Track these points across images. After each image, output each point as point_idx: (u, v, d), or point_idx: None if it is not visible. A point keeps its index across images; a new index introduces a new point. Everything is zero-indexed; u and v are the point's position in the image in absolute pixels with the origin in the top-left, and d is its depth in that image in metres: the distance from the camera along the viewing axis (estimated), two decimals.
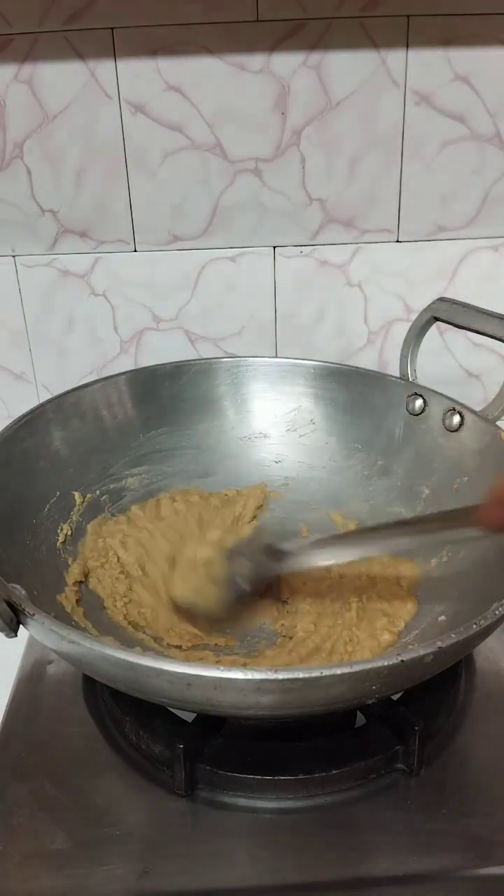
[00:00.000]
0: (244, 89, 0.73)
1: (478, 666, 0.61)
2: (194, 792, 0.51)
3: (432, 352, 0.82)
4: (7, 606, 0.45)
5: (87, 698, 0.58)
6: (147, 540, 0.66)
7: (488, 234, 0.80)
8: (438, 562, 0.63)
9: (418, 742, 0.51)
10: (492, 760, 0.53)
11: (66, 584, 0.61)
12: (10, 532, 0.58)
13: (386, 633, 0.58)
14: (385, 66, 0.73)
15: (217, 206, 0.78)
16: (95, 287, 0.82)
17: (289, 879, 0.46)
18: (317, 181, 0.77)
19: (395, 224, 0.79)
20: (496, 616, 0.45)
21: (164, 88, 0.73)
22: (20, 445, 0.62)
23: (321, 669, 0.40)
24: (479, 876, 0.46)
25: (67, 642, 0.43)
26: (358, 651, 0.57)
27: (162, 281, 0.81)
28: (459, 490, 0.64)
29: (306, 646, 0.58)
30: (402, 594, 0.62)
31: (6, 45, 0.71)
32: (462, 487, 0.64)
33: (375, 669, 0.41)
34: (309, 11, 0.70)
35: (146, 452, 0.72)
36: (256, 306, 0.83)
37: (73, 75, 0.72)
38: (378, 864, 0.46)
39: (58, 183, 0.77)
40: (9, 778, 0.52)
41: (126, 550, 0.65)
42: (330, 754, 0.51)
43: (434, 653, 0.42)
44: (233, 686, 0.40)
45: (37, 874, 0.46)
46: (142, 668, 0.41)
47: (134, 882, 0.46)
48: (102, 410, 0.70)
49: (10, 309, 0.82)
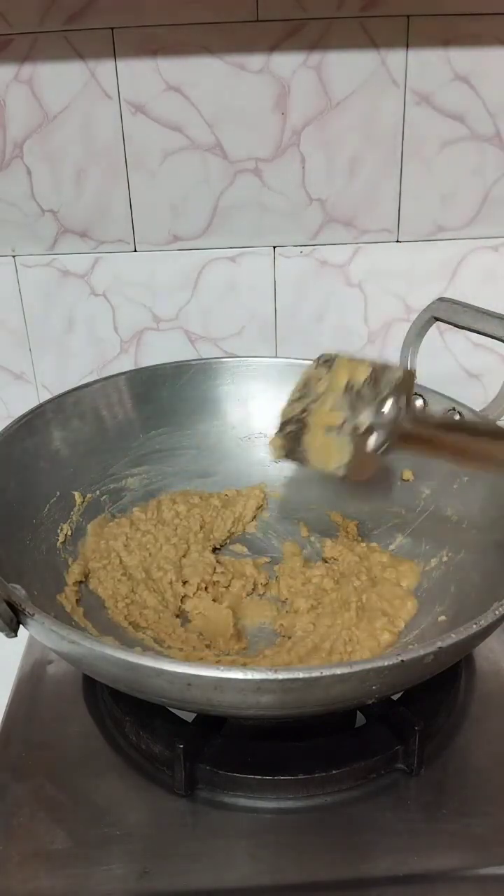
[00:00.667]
0: (244, 89, 0.73)
1: (478, 666, 0.61)
2: (194, 792, 0.51)
3: (432, 352, 0.82)
4: (7, 606, 0.45)
5: (87, 698, 0.58)
6: (151, 543, 0.66)
7: (488, 234, 0.80)
8: (438, 562, 0.63)
9: (418, 742, 0.51)
10: (492, 760, 0.53)
11: (66, 584, 0.61)
12: (10, 532, 0.58)
13: (386, 633, 0.58)
14: (385, 66, 0.73)
15: (217, 206, 0.78)
16: (95, 287, 0.82)
17: (289, 879, 0.46)
18: (317, 181, 0.77)
19: (395, 224, 0.79)
20: (496, 616, 0.45)
21: (164, 88, 0.73)
22: (20, 445, 0.63)
23: (321, 669, 0.40)
24: (479, 876, 0.46)
25: (68, 642, 0.43)
26: (357, 651, 0.57)
27: (162, 281, 0.81)
28: (459, 490, 0.64)
29: (305, 645, 0.58)
30: (402, 594, 0.62)
31: (6, 45, 0.71)
32: (462, 487, 0.64)
33: (375, 669, 0.41)
34: (309, 11, 0.70)
35: (146, 452, 0.72)
36: (256, 306, 0.83)
37: (73, 75, 0.72)
38: (378, 864, 0.46)
39: (58, 183, 0.77)
40: (9, 778, 0.52)
41: (129, 553, 0.65)
42: (330, 754, 0.51)
43: (434, 653, 0.42)
44: (233, 686, 0.40)
45: (37, 874, 0.46)
46: (142, 668, 0.41)
47: (134, 882, 0.46)
48: (102, 410, 0.70)
49: (10, 309, 0.82)
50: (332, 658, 0.56)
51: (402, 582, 0.63)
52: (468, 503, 0.63)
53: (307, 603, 0.62)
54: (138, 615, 0.61)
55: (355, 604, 0.61)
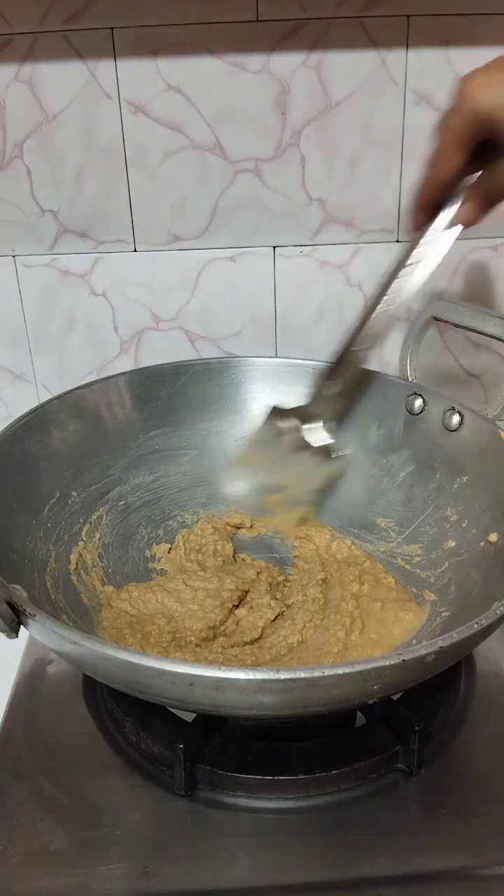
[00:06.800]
0: (244, 89, 0.73)
1: (478, 666, 0.61)
2: (194, 792, 0.51)
3: (432, 352, 0.82)
4: (8, 607, 0.45)
5: (87, 698, 0.58)
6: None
7: (488, 234, 0.80)
8: (439, 562, 0.63)
9: (418, 742, 0.51)
10: (492, 760, 0.53)
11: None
12: (10, 533, 0.58)
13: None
14: (385, 66, 0.73)
15: (217, 206, 0.78)
16: (95, 287, 0.81)
17: (289, 879, 0.46)
18: (317, 181, 0.77)
19: (395, 224, 0.79)
20: (496, 616, 0.45)
21: (164, 88, 0.73)
22: (20, 445, 0.62)
23: (323, 669, 0.40)
24: (479, 876, 0.47)
25: (69, 643, 0.43)
26: (358, 651, 0.57)
27: (162, 281, 0.81)
28: (459, 490, 0.64)
29: (307, 646, 0.58)
30: (403, 595, 0.62)
31: (6, 45, 0.71)
32: (462, 487, 0.64)
33: (377, 669, 0.41)
34: (309, 11, 0.70)
35: (146, 453, 0.72)
36: (256, 306, 0.83)
37: (73, 75, 0.72)
38: (378, 864, 0.46)
39: (58, 183, 0.77)
40: (9, 778, 0.52)
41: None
42: (330, 754, 0.51)
43: (435, 652, 0.42)
44: (234, 686, 0.40)
45: (37, 874, 0.46)
46: (143, 669, 0.41)
47: (134, 882, 0.46)
48: (102, 410, 0.70)
49: (10, 309, 0.82)
50: (334, 658, 0.56)
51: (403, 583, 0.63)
52: (468, 503, 0.63)
53: (308, 603, 0.62)
54: None
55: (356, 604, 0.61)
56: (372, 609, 0.60)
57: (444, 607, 0.59)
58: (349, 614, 0.59)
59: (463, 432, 0.65)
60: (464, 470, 0.64)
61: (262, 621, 0.60)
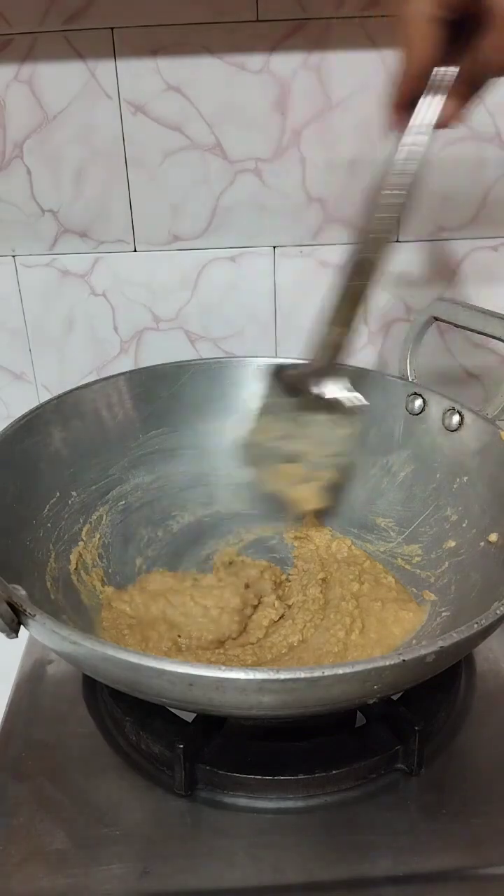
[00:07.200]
0: (244, 89, 0.73)
1: (478, 666, 0.61)
2: (194, 792, 0.51)
3: (432, 352, 0.82)
4: (8, 607, 0.45)
5: (87, 698, 0.58)
6: None
7: (488, 234, 0.80)
8: (439, 562, 0.63)
9: (418, 742, 0.51)
10: (492, 760, 0.53)
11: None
12: (10, 533, 0.58)
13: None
14: (385, 66, 0.73)
15: (217, 206, 0.78)
16: (95, 287, 0.81)
17: (289, 879, 0.46)
18: (317, 181, 0.77)
19: (395, 224, 0.79)
20: (496, 616, 0.45)
21: (164, 88, 0.73)
22: (20, 445, 0.62)
23: (323, 669, 0.40)
24: (479, 876, 0.46)
25: (69, 643, 0.43)
26: (358, 651, 0.57)
27: (162, 281, 0.81)
28: (459, 489, 0.64)
29: (307, 645, 0.58)
30: (403, 595, 0.62)
31: (6, 45, 0.71)
32: (462, 487, 0.64)
33: (377, 669, 0.41)
34: (309, 11, 0.70)
35: (146, 452, 0.72)
36: (256, 306, 0.83)
37: (73, 75, 0.72)
38: (378, 864, 0.46)
39: (58, 183, 0.77)
40: (9, 778, 0.52)
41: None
42: (330, 754, 0.51)
43: (436, 652, 0.42)
44: (234, 686, 0.40)
45: (37, 874, 0.46)
46: (143, 669, 0.41)
47: (134, 882, 0.46)
48: (102, 410, 0.70)
49: (10, 309, 0.82)
50: (334, 658, 0.56)
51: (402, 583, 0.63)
52: (468, 503, 0.63)
53: (308, 603, 0.62)
54: None
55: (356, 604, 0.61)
56: (372, 609, 0.60)
57: (444, 607, 0.59)
58: (349, 614, 0.59)
59: (463, 432, 0.65)
60: (464, 470, 0.64)
61: (267, 621, 0.61)
